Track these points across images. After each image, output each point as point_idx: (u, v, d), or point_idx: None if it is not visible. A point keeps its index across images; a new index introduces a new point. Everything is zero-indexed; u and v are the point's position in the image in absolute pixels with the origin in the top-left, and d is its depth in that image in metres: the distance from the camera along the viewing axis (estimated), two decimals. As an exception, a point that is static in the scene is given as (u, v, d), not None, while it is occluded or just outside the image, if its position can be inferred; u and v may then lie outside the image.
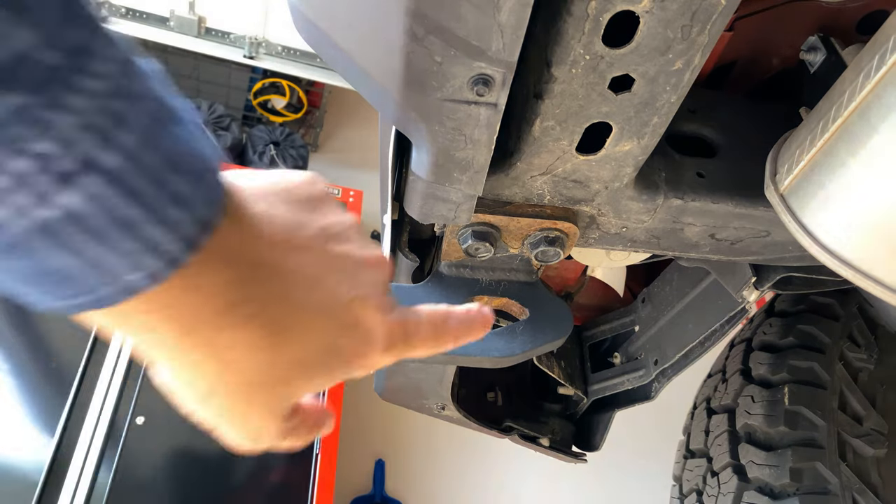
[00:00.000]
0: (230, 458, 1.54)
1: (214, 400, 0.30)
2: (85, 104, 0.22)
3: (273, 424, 0.32)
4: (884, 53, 0.41)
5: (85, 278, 0.24)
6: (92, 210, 0.22)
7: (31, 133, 0.21)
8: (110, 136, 0.22)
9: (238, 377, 0.29)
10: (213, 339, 0.28)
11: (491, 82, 0.39)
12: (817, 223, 0.47)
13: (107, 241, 0.23)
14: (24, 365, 1.52)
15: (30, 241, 0.22)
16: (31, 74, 0.20)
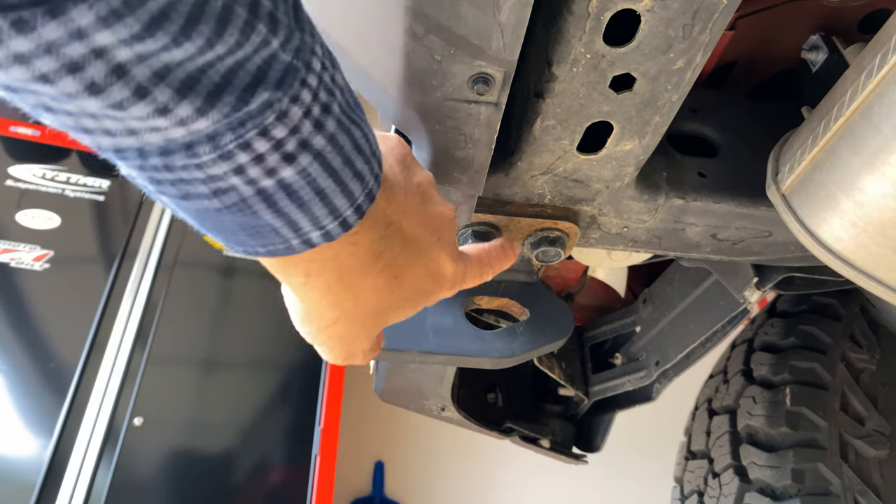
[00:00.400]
0: (229, 460, 1.53)
1: (335, 328, 0.37)
2: (308, 97, 0.27)
3: (368, 345, 0.40)
4: (886, 52, 0.40)
5: (282, 233, 0.29)
6: (300, 181, 0.28)
7: (274, 121, 0.25)
8: (321, 123, 0.27)
9: (362, 310, 0.36)
10: (357, 283, 0.35)
11: (491, 81, 0.39)
12: (819, 223, 0.46)
13: (304, 206, 0.29)
14: (22, 366, 1.51)
15: (252, 202, 0.27)
16: (276, 73, 0.25)
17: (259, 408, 1.61)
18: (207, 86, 0.24)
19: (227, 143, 0.25)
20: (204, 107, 0.24)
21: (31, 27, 0.20)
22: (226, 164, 0.26)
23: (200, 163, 0.25)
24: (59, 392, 1.48)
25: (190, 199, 0.27)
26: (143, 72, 0.22)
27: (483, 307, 0.63)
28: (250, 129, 0.25)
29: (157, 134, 0.24)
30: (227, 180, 0.26)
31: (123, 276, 1.69)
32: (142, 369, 1.56)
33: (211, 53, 0.23)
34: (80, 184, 1.91)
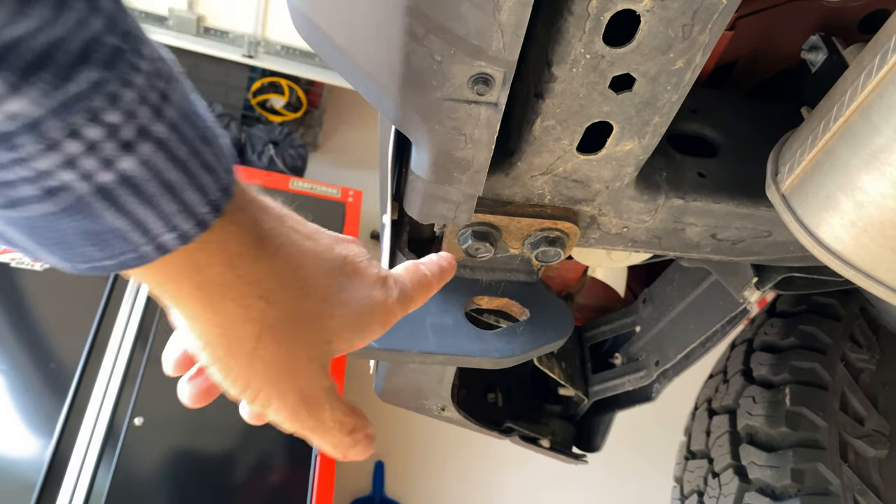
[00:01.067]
0: (229, 460, 1.53)
1: (263, 347, 0.32)
2: (142, 81, 0.25)
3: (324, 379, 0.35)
4: (885, 53, 0.40)
5: (130, 238, 0.26)
6: (143, 174, 0.25)
7: (105, 105, 0.23)
8: (160, 109, 0.25)
9: (283, 312, 0.32)
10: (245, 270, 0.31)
11: (491, 81, 0.39)
12: (819, 223, 0.46)
13: (152, 202, 0.26)
14: (22, 365, 1.51)
15: (91, 201, 0.25)
16: (103, 54, 0.23)
17: (259, 407, 1.61)
18: (20, 60, 0.21)
19: (54, 131, 0.23)
20: (18, 82, 0.21)
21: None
22: (53, 155, 0.23)
23: (23, 157, 0.23)
24: (60, 392, 1.48)
25: (18, 207, 0.24)
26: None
27: (483, 307, 0.63)
28: (77, 112, 0.23)
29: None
30: (57, 176, 0.23)
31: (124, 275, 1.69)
32: (142, 369, 1.56)
33: (18, 27, 0.21)
34: (80, 184, 1.90)
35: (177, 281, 0.30)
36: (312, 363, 0.34)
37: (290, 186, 2.29)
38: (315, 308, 0.33)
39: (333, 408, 0.35)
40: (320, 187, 2.31)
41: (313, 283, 0.33)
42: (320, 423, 0.35)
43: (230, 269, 0.30)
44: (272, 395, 0.33)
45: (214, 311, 0.31)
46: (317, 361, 0.34)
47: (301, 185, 2.30)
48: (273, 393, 0.33)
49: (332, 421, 0.35)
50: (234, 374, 0.33)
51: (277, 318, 0.32)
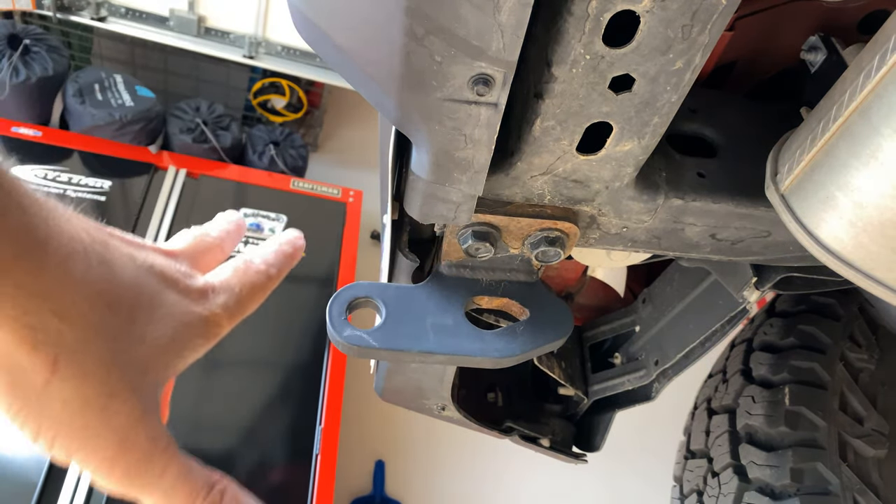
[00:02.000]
0: (230, 459, 1.54)
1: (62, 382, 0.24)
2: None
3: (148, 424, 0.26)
4: (884, 53, 0.40)
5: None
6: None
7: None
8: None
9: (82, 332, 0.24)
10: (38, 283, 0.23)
11: (491, 82, 0.39)
12: (818, 223, 0.46)
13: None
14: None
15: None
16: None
17: (260, 407, 1.61)
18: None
19: None
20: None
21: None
22: None
23: None
24: (60, 391, 1.48)
25: None
26: None
27: (483, 307, 0.63)
28: None
29: None
30: None
31: (124, 275, 1.69)
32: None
33: None
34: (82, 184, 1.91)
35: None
36: (132, 397, 0.26)
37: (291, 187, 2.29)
38: (123, 329, 0.26)
39: (171, 461, 0.27)
40: (321, 187, 2.31)
41: (117, 298, 0.26)
42: (155, 479, 0.27)
43: (4, 276, 0.22)
44: (73, 441, 0.25)
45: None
46: (137, 394, 0.26)
47: (302, 186, 2.30)
48: (75, 439, 0.25)
49: (172, 478, 0.27)
50: (23, 417, 0.25)
51: (80, 340, 0.24)
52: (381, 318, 0.55)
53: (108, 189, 1.88)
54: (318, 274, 2.03)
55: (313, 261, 2.03)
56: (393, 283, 0.60)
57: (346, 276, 2.06)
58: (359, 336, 0.53)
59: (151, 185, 1.97)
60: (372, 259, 2.59)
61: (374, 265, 2.55)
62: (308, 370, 1.68)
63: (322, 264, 2.05)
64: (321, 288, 2.00)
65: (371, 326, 0.54)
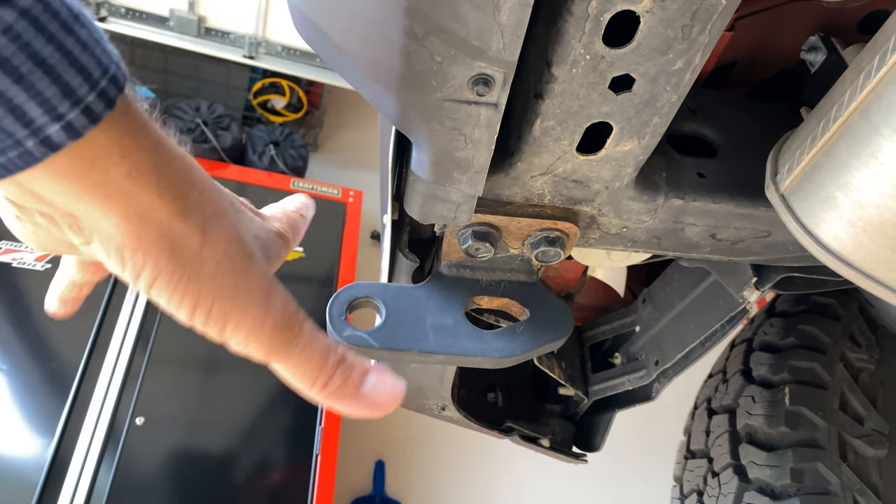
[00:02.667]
0: (230, 459, 1.54)
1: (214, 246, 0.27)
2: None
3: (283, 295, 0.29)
4: (884, 53, 0.40)
5: (6, 126, 0.22)
6: (9, 44, 0.21)
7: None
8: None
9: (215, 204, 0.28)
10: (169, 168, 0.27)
11: (491, 82, 0.39)
12: (818, 223, 0.46)
13: (25, 81, 0.22)
14: (24, 366, 1.52)
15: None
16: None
17: (260, 407, 1.61)
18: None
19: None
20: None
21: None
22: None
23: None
24: (61, 392, 1.48)
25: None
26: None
27: (483, 307, 0.63)
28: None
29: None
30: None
31: (124, 275, 1.70)
32: (143, 369, 1.56)
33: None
34: (81, 184, 1.91)
35: (75, 180, 0.25)
36: (263, 261, 0.30)
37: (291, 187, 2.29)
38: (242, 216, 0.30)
39: (304, 321, 0.29)
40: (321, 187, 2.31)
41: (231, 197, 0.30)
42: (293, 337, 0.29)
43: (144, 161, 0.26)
44: (227, 300, 0.28)
45: (148, 205, 0.26)
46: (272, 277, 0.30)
47: (302, 186, 2.30)
48: (228, 297, 0.28)
49: (307, 337, 0.29)
50: (184, 287, 0.27)
51: (216, 210, 0.28)
52: (381, 318, 0.55)
53: (109, 189, 1.88)
54: (318, 274, 2.03)
55: (313, 261, 2.03)
56: (393, 283, 0.60)
57: (346, 276, 2.06)
58: (359, 336, 0.53)
59: (151, 186, 1.98)
60: (372, 259, 2.59)
61: (374, 265, 2.55)
62: (308, 370, 1.68)
63: (322, 264, 2.05)
64: (321, 288, 2.00)
65: (371, 326, 0.54)
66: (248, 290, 0.28)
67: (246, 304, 0.28)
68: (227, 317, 0.28)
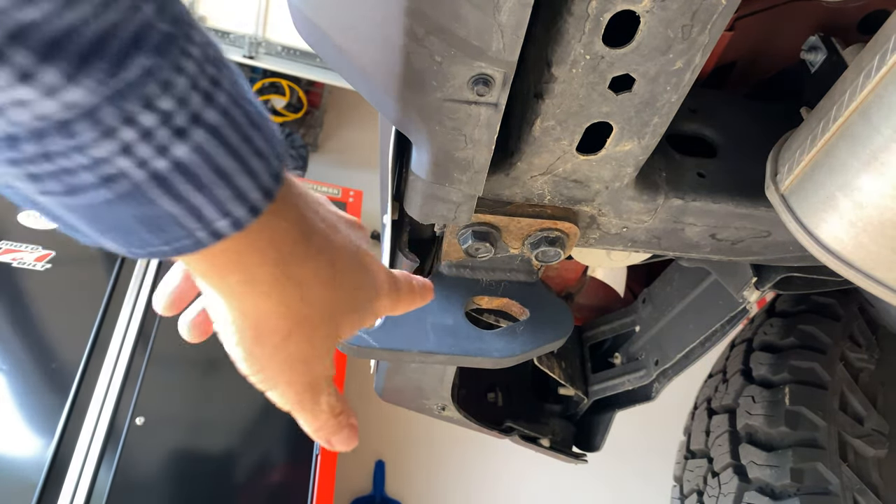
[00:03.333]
0: (230, 459, 1.54)
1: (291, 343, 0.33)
2: (193, 68, 0.25)
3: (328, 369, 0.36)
4: (884, 53, 0.40)
5: (184, 223, 0.27)
6: (197, 160, 0.26)
7: (158, 92, 0.24)
8: (211, 95, 0.26)
9: (314, 311, 0.33)
10: (300, 270, 0.32)
11: (491, 82, 0.39)
12: (818, 223, 0.46)
13: (205, 189, 0.26)
14: (24, 366, 1.52)
15: (147, 188, 0.25)
16: (154, 40, 0.23)
17: (260, 407, 1.61)
18: (75, 49, 0.21)
19: (109, 117, 0.23)
20: (73, 72, 0.21)
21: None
22: (110, 143, 0.23)
23: (81, 144, 0.23)
24: (61, 392, 1.48)
25: (77, 194, 0.25)
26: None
27: (483, 307, 0.63)
28: (132, 100, 0.23)
29: (23, 110, 0.22)
30: (114, 163, 0.24)
31: (125, 275, 1.69)
32: (143, 369, 1.56)
33: (72, 14, 0.21)
34: (81, 184, 1.91)
35: (226, 276, 0.30)
36: (328, 354, 0.36)
37: (291, 186, 2.29)
38: (339, 306, 0.35)
39: (329, 393, 0.37)
40: (321, 187, 2.31)
41: (341, 280, 0.35)
42: (316, 406, 0.36)
43: (279, 268, 0.31)
44: (282, 382, 0.35)
45: (255, 306, 0.32)
46: (330, 352, 0.36)
47: (301, 185, 2.30)
48: (284, 381, 0.35)
49: (325, 405, 0.37)
50: (256, 361, 0.34)
51: (309, 316, 0.33)
52: (381, 319, 0.55)
53: (109, 189, 1.89)
54: (319, 274, 2.03)
55: (313, 261, 2.03)
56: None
57: (346, 276, 2.05)
58: (359, 336, 0.53)
59: (151, 186, 1.98)
60: (372, 259, 2.58)
61: (374, 265, 2.53)
62: (308, 370, 1.68)
63: (322, 264, 2.04)
64: (321, 288, 2.00)
65: (371, 326, 0.54)
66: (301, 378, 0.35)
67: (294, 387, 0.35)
68: (275, 386, 0.35)
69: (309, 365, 0.35)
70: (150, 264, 1.74)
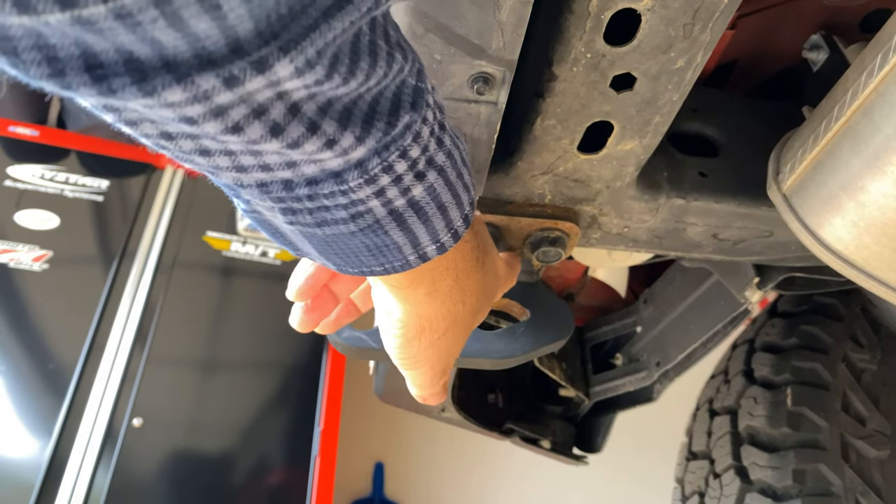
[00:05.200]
0: (228, 461, 1.53)
1: (446, 338, 0.38)
2: (431, 116, 0.28)
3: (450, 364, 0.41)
4: (886, 52, 0.40)
5: (403, 250, 0.31)
6: (427, 198, 0.29)
7: (411, 142, 0.27)
8: (441, 139, 0.29)
9: (466, 312, 0.38)
10: (468, 282, 0.36)
11: (491, 81, 0.39)
12: (820, 223, 0.46)
13: (428, 221, 0.30)
14: (21, 366, 1.51)
15: (385, 222, 0.29)
16: (409, 96, 0.27)
17: (259, 409, 1.61)
18: (360, 115, 0.25)
19: (374, 167, 0.26)
20: (362, 135, 0.25)
21: (239, 82, 0.20)
22: (370, 187, 0.27)
23: (347, 188, 0.26)
24: (58, 393, 1.48)
25: (325, 226, 0.28)
26: (311, 108, 0.23)
27: (483, 308, 0.63)
28: (393, 151, 0.27)
29: (315, 166, 0.25)
30: (367, 203, 0.28)
31: (122, 276, 1.69)
32: (141, 370, 1.56)
33: (365, 86, 0.24)
34: (80, 184, 1.91)
35: (417, 288, 0.35)
36: (463, 344, 0.40)
37: (290, 187, 2.29)
38: (483, 305, 0.40)
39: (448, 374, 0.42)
40: (320, 188, 2.31)
41: (489, 286, 0.40)
42: (439, 384, 0.42)
43: (456, 281, 0.36)
44: (427, 367, 0.39)
45: (426, 309, 0.36)
46: (465, 341, 0.41)
47: (301, 186, 2.30)
48: (428, 366, 0.39)
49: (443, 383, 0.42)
50: (411, 352, 0.38)
51: (464, 317, 0.38)
52: None
53: (106, 189, 1.88)
54: (318, 275, 2.02)
55: (313, 261, 2.02)
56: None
57: (345, 277, 2.05)
58: (358, 337, 0.53)
59: (149, 185, 1.97)
60: (371, 260, 2.58)
61: (373, 266, 2.53)
62: (307, 371, 1.67)
63: (321, 265, 2.04)
64: (321, 289, 1.99)
65: (370, 327, 0.54)
66: (441, 368, 0.40)
67: (433, 371, 0.40)
68: (418, 369, 0.39)
69: (451, 355, 0.40)
70: (148, 263, 1.74)
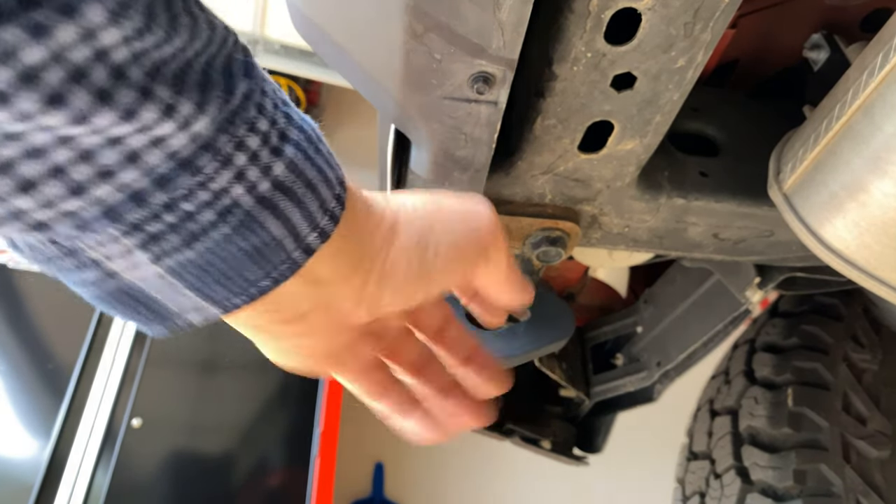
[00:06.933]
0: (228, 462, 1.53)
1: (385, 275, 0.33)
2: (270, 90, 0.27)
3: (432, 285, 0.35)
4: (888, 51, 0.40)
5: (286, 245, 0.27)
6: (291, 176, 0.26)
7: (256, 114, 0.25)
8: (288, 114, 0.27)
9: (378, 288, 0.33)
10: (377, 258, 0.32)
11: (491, 80, 0.39)
12: (821, 223, 0.46)
13: (301, 203, 0.27)
14: (20, 367, 1.51)
15: (257, 213, 0.26)
16: (240, 68, 0.25)
17: (258, 409, 1.61)
18: (195, 79, 0.23)
19: (224, 144, 0.24)
20: (201, 100, 0.23)
21: (47, 31, 0.17)
22: (227, 171, 0.25)
23: (204, 179, 0.24)
24: (58, 393, 1.48)
25: (195, 242, 0.25)
26: (138, 72, 0.21)
27: (483, 308, 0.62)
28: (240, 125, 0.25)
29: (157, 151, 0.23)
30: (231, 192, 0.25)
31: (123, 276, 1.69)
32: (140, 370, 1.56)
33: (192, 48, 0.22)
34: (80, 184, 1.90)
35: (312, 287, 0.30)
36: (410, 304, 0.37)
37: (290, 187, 2.29)
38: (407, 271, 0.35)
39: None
40: (320, 188, 2.30)
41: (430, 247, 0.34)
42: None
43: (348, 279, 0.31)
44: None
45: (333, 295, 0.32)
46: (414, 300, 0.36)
47: (301, 186, 2.29)
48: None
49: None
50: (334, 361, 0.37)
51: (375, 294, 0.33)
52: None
53: (107, 190, 1.88)
54: (318, 275, 2.02)
55: (313, 262, 2.02)
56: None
57: (345, 277, 2.05)
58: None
59: (150, 186, 1.97)
60: (371, 260, 2.58)
61: (373, 266, 2.53)
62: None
63: (321, 265, 2.04)
64: (320, 289, 1.99)
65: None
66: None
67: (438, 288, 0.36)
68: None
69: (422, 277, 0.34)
70: (149, 265, 1.74)
